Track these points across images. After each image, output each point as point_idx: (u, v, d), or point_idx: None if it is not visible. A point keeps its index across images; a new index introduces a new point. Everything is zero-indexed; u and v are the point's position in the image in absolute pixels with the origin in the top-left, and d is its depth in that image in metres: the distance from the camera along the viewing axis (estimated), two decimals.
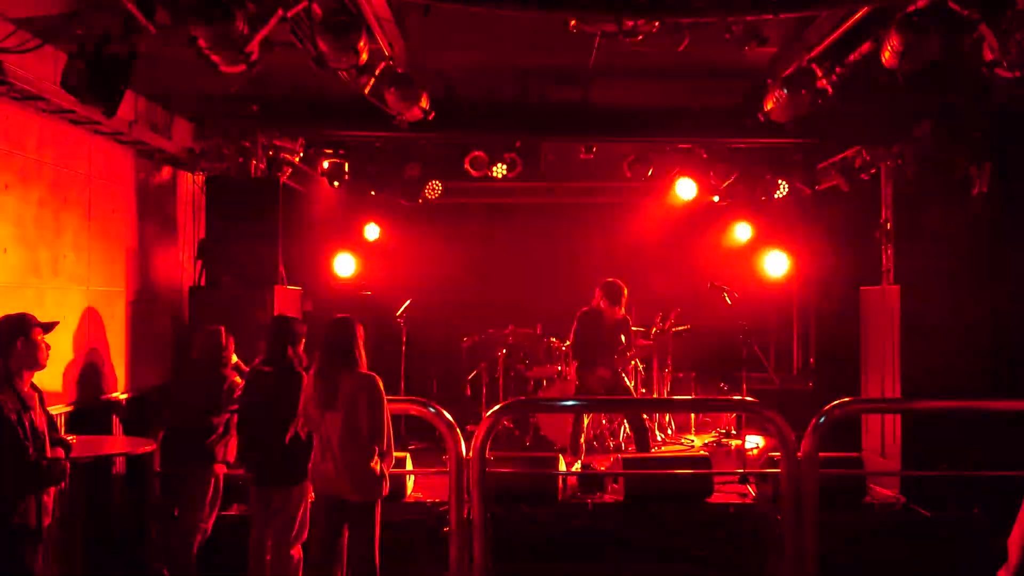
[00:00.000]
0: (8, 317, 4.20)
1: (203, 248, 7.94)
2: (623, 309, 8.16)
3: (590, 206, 11.30)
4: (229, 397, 5.55)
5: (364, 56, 4.83)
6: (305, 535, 5.25)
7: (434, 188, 9.65)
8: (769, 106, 6.04)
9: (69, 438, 4.42)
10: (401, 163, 9.42)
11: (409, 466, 6.84)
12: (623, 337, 8.22)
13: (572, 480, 7.21)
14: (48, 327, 4.24)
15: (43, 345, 4.15)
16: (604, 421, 8.94)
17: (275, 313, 6.88)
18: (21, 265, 5.48)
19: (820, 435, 5.18)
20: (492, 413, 4.82)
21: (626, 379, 8.25)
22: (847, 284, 8.69)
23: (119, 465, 6.25)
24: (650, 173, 9.33)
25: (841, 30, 5.13)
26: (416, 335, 9.79)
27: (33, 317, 4.21)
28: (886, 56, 4.64)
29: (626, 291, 8.13)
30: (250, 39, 4.32)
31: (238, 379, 5.64)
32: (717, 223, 10.93)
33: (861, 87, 5.65)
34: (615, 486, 6.97)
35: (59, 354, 4.60)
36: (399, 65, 5.76)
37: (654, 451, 8.41)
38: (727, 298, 8.44)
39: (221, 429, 5.53)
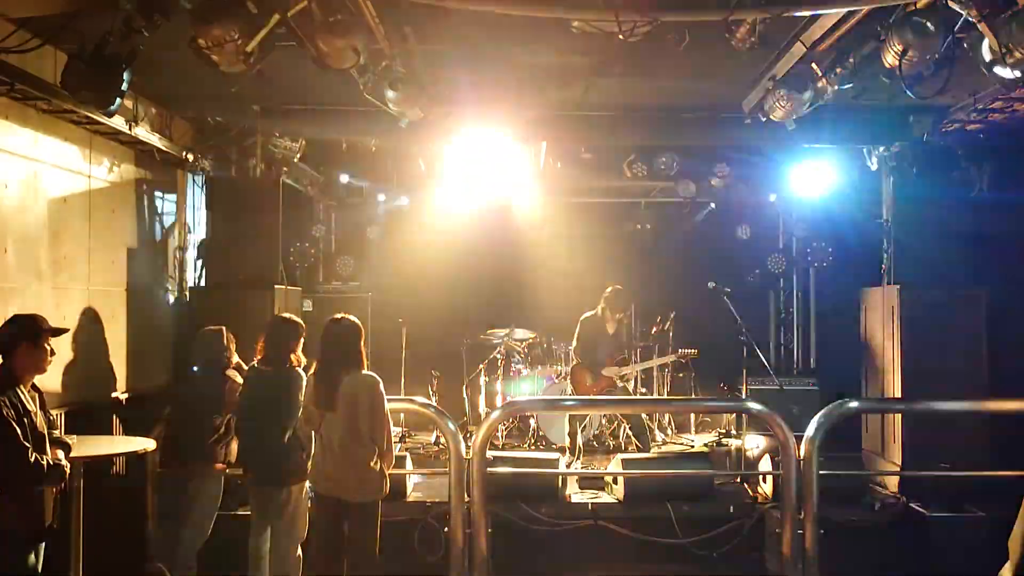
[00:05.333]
0: (18, 318, 4.19)
1: (203, 248, 7.94)
2: (626, 316, 8.26)
3: (590, 206, 11.29)
4: (230, 397, 5.54)
5: (364, 56, 4.83)
6: (305, 535, 5.25)
7: (434, 188, 9.65)
8: (769, 106, 6.04)
9: (69, 438, 4.41)
10: (401, 163, 9.41)
11: (409, 466, 6.83)
12: (622, 343, 8.42)
13: (572, 480, 7.21)
14: (57, 333, 4.23)
15: (48, 352, 4.14)
16: (604, 421, 8.94)
17: (275, 313, 6.87)
18: (21, 265, 5.47)
19: (820, 435, 5.20)
20: (492, 413, 4.83)
21: (622, 381, 8.28)
22: (847, 284, 8.69)
23: (119, 465, 6.24)
24: (649, 173, 9.33)
25: (842, 30, 5.13)
26: (416, 335, 9.79)
27: (44, 321, 4.19)
28: (887, 56, 4.64)
29: (630, 298, 8.23)
30: (250, 39, 4.32)
31: (239, 379, 5.64)
32: (717, 223, 10.92)
33: (861, 87, 5.65)
34: (615, 486, 6.97)
35: (59, 354, 4.59)
36: (399, 65, 5.76)
37: (654, 451, 8.42)
38: (727, 298, 8.44)
39: (222, 429, 5.52)
